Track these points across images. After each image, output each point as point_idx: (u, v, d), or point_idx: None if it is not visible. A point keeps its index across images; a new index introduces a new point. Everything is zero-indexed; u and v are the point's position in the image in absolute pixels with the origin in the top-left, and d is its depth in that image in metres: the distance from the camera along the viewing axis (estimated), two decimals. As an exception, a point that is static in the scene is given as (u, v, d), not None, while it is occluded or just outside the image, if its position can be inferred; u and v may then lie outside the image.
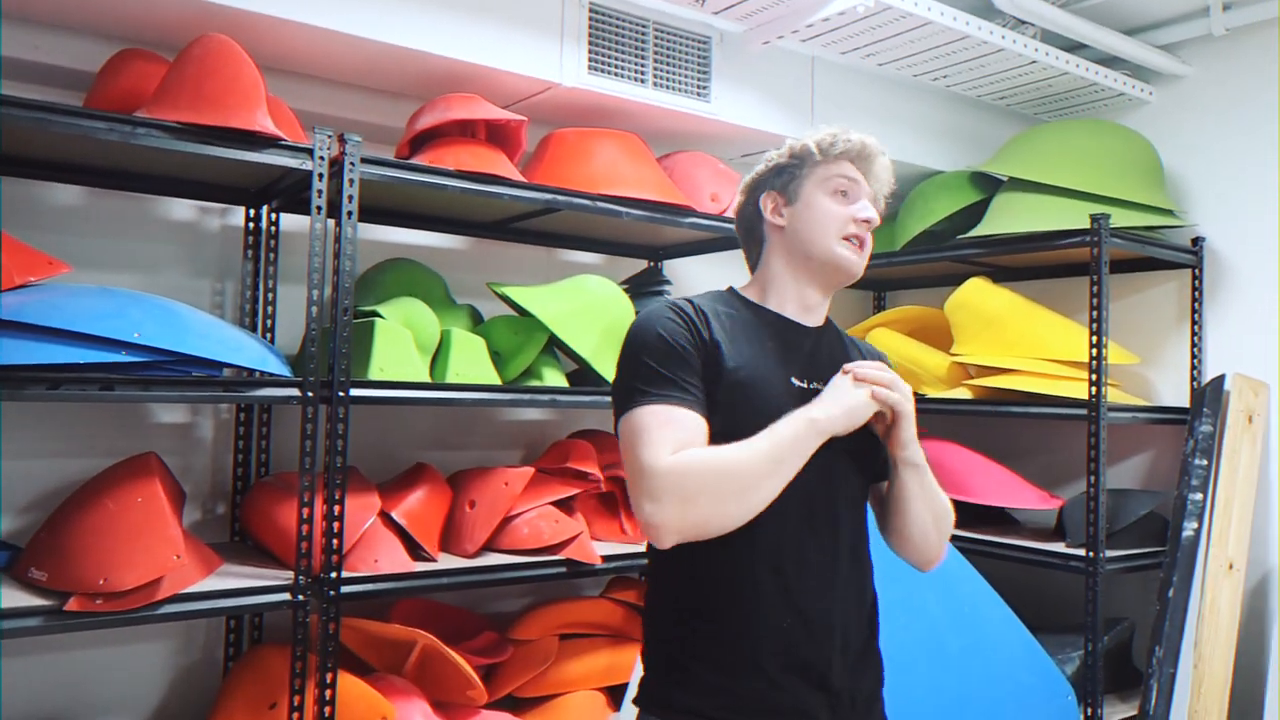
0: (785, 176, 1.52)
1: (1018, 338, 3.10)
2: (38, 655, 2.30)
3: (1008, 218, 3.10)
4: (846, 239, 1.48)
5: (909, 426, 1.42)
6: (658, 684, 1.42)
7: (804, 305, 1.52)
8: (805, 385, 1.44)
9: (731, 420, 1.35)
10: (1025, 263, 3.40)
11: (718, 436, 1.34)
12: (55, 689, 2.32)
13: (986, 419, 3.60)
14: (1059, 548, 2.94)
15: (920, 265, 3.44)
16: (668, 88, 2.76)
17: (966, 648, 2.50)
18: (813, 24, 2.70)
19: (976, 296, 3.15)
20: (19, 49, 2.23)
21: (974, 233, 3.14)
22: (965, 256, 3.28)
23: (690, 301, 1.46)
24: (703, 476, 1.27)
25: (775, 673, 1.35)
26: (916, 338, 3.44)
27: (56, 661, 2.33)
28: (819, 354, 1.50)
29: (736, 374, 1.39)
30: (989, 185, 3.35)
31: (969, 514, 3.06)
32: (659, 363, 1.36)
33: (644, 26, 2.72)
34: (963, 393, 3.18)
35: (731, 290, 1.54)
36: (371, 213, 2.67)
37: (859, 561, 1.47)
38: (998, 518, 3.36)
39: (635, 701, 1.44)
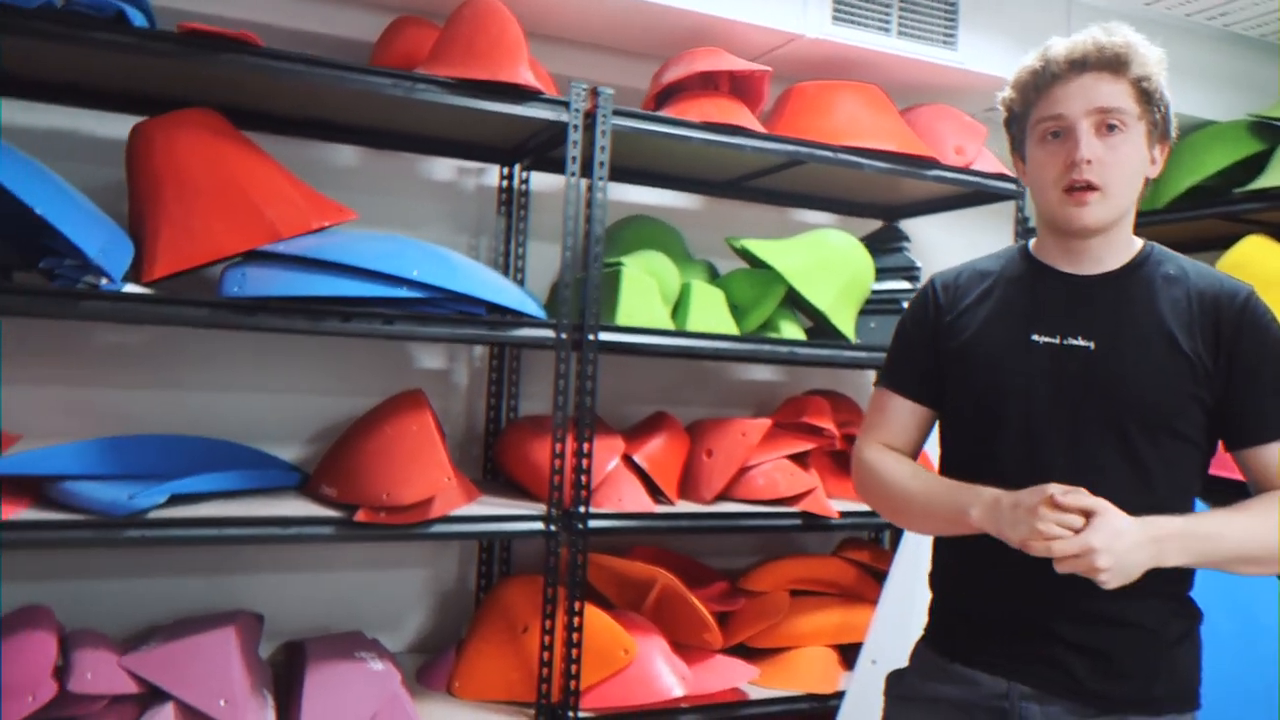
0: (1013, 133, 1.45)
1: (1305, 301, 2.79)
2: (317, 573, 2.55)
3: (1296, 168, 2.79)
4: (1066, 191, 1.32)
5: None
6: (929, 627, 1.50)
7: (1070, 255, 1.40)
8: (1058, 341, 1.35)
9: (963, 387, 1.42)
10: (1314, 220, 3.05)
11: (957, 404, 1.45)
12: (330, 605, 2.56)
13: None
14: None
15: (1187, 224, 3.16)
16: (912, 36, 2.68)
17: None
18: (1075, -40, 2.54)
19: (1258, 255, 2.86)
20: (311, 22, 2.46)
21: (1254, 185, 2.85)
22: (1240, 213, 2.98)
23: (948, 274, 1.51)
24: (873, 486, 1.49)
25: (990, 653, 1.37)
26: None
27: (332, 580, 2.57)
28: (1092, 304, 1.37)
29: (962, 344, 1.42)
30: (1271, 136, 3.03)
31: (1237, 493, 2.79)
32: (895, 346, 1.55)
33: (889, -26, 2.65)
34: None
35: (1025, 244, 1.49)
36: (613, 171, 2.74)
37: None
38: None
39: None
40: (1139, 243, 1.42)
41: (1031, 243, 1.48)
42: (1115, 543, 1.17)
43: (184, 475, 1.96)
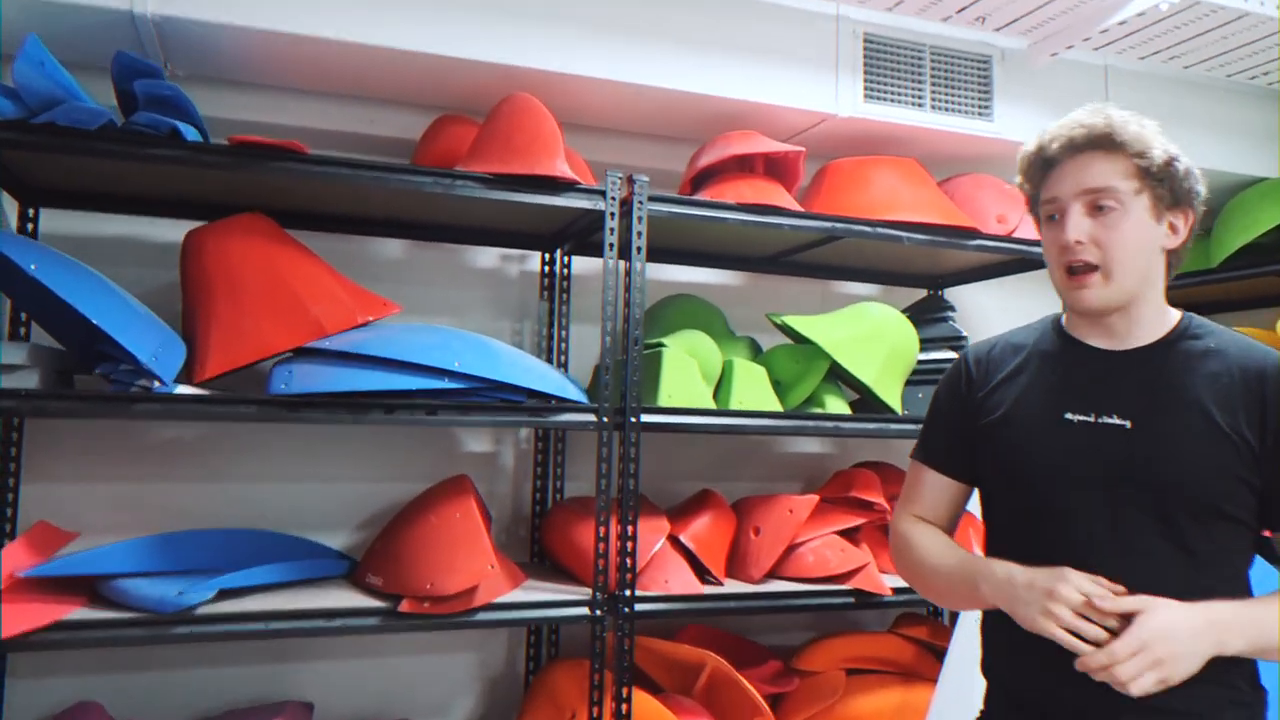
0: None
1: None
2: (365, 660, 2.56)
3: (1352, 223, 2.72)
4: (1066, 272, 1.34)
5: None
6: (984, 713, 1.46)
7: (1097, 330, 1.38)
8: (1092, 419, 1.32)
9: (995, 466, 1.42)
10: (1376, 275, 2.96)
11: (991, 483, 1.44)
12: (379, 692, 2.57)
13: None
14: None
15: (1241, 283, 3.09)
16: (947, 110, 2.69)
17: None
18: (1107, 29, 2.54)
19: (1316, 313, 2.79)
20: (358, 124, 2.57)
21: (1309, 242, 2.79)
22: (1297, 270, 2.92)
23: (981, 348, 1.51)
24: (906, 560, 1.49)
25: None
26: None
27: (381, 667, 2.58)
28: (1126, 380, 1.34)
29: (993, 423, 1.41)
30: (1325, 190, 2.97)
31: None
32: (929, 420, 1.55)
33: (920, 51, 2.67)
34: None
35: (1057, 316, 1.48)
36: (652, 251, 2.79)
37: None
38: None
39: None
40: (1175, 315, 1.38)
41: (1064, 315, 1.46)
42: (1164, 647, 1.15)
43: (233, 569, 2.00)
